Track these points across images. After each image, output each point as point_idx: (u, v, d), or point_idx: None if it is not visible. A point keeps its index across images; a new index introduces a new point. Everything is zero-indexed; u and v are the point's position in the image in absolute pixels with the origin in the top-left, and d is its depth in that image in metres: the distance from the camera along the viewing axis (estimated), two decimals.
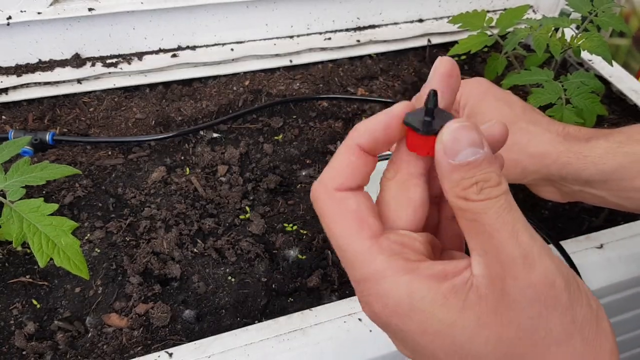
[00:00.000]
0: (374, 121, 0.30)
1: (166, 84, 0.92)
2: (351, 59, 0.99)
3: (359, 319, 0.59)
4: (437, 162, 0.28)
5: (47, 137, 0.78)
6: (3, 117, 0.84)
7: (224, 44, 0.96)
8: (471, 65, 1.01)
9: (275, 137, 0.85)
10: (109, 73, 0.89)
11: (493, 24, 0.88)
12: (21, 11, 0.82)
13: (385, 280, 0.28)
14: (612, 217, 0.77)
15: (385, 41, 1.01)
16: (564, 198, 0.58)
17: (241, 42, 0.97)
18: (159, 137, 0.81)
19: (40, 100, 0.87)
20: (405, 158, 0.31)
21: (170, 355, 0.56)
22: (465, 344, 0.27)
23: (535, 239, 0.27)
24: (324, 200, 0.31)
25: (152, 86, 0.91)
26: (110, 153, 0.80)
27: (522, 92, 0.90)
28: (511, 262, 0.26)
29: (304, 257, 0.68)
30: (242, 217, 0.73)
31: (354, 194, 0.30)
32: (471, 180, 0.27)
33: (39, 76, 0.87)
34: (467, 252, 0.30)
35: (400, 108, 0.30)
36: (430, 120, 0.28)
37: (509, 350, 0.26)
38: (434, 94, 0.28)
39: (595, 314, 0.27)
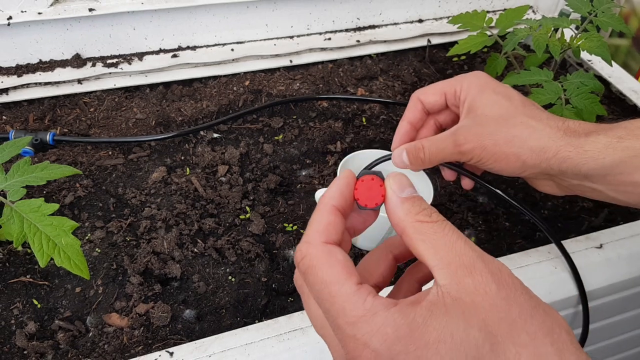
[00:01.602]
0: (340, 183, 0.37)
1: (166, 84, 0.92)
2: (351, 59, 1.00)
3: None
4: (388, 199, 0.35)
5: (48, 137, 0.78)
6: (4, 117, 0.85)
7: (224, 44, 0.97)
8: (471, 65, 1.01)
9: (276, 137, 0.85)
10: (110, 73, 0.90)
11: (493, 24, 0.88)
12: (22, 11, 0.83)
13: (378, 314, 0.31)
14: (612, 217, 0.77)
15: (385, 41, 1.01)
16: (562, 192, 0.57)
17: (241, 43, 0.97)
18: (160, 137, 0.81)
19: (40, 100, 0.87)
20: (341, 228, 0.37)
21: (171, 354, 0.56)
22: (464, 338, 0.30)
23: (476, 246, 0.34)
24: (314, 254, 0.34)
25: (152, 86, 0.91)
26: (110, 153, 0.81)
27: (521, 92, 0.90)
28: (473, 262, 0.32)
29: None
30: (242, 217, 0.73)
31: (338, 247, 0.35)
32: (419, 208, 0.34)
33: (39, 76, 0.87)
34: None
35: (349, 172, 0.38)
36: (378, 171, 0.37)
37: (497, 332, 0.30)
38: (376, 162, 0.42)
39: (541, 299, 0.33)
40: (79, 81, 0.89)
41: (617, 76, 0.95)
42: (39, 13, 0.83)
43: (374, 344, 0.31)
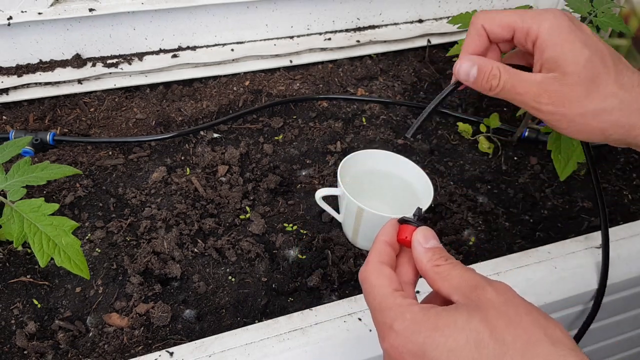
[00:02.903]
0: (388, 225, 0.47)
1: (167, 84, 0.92)
2: (351, 59, 1.00)
3: (359, 319, 0.59)
4: (414, 249, 0.45)
5: (48, 137, 0.78)
6: (4, 117, 0.85)
7: (224, 45, 0.97)
8: None
9: (276, 138, 0.85)
10: (110, 73, 0.90)
11: None
12: (22, 12, 0.83)
13: (403, 307, 0.41)
14: (612, 217, 0.77)
15: (385, 41, 1.01)
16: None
17: (241, 43, 0.97)
18: (160, 137, 0.81)
19: (41, 100, 0.87)
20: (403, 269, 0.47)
21: (171, 354, 0.56)
22: (465, 325, 0.37)
23: (480, 274, 0.42)
24: (369, 269, 0.45)
25: (152, 86, 0.91)
26: (110, 153, 0.81)
27: None
28: (478, 282, 0.40)
29: (304, 257, 0.68)
30: (242, 217, 0.73)
31: (389, 267, 0.45)
32: (439, 255, 0.44)
33: (39, 76, 0.87)
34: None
35: (395, 219, 0.48)
36: (414, 221, 0.47)
37: (495, 323, 0.37)
38: (419, 210, 0.48)
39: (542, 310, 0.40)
40: (79, 81, 0.89)
41: None
42: (39, 13, 0.83)
43: (396, 326, 0.40)
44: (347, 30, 1.02)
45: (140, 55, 0.93)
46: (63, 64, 0.89)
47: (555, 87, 0.47)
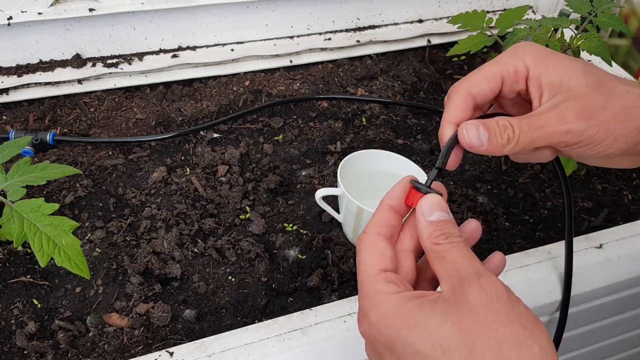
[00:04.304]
0: (397, 187, 0.44)
1: (167, 84, 0.92)
2: (351, 59, 1.00)
3: None
4: (417, 220, 0.42)
5: (48, 137, 0.78)
6: (4, 117, 0.85)
7: (224, 45, 0.97)
8: (470, 65, 1.01)
9: (276, 137, 0.85)
10: (110, 73, 0.90)
11: (492, 24, 0.88)
12: (22, 12, 0.83)
13: (381, 295, 0.39)
14: (612, 217, 0.77)
15: (385, 41, 1.01)
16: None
17: (241, 43, 0.97)
18: (160, 137, 0.81)
19: (41, 100, 0.87)
20: (405, 245, 0.44)
21: (171, 354, 0.56)
22: (436, 328, 0.36)
23: (480, 264, 0.39)
24: (363, 241, 0.42)
25: (152, 86, 0.91)
26: (110, 153, 0.81)
27: None
28: (468, 275, 0.38)
29: (304, 256, 0.68)
30: (242, 217, 0.73)
31: (386, 239, 0.42)
32: (440, 232, 0.40)
33: (39, 76, 0.87)
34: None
35: (408, 179, 0.45)
36: (426, 186, 0.44)
37: (468, 331, 0.36)
38: (434, 173, 0.44)
39: (533, 316, 0.37)
40: (79, 81, 0.89)
41: (617, 76, 0.95)
42: (39, 13, 0.83)
43: (370, 315, 0.39)
44: (347, 30, 1.02)
45: (140, 55, 0.93)
46: (63, 64, 0.89)
47: (571, 102, 0.43)
